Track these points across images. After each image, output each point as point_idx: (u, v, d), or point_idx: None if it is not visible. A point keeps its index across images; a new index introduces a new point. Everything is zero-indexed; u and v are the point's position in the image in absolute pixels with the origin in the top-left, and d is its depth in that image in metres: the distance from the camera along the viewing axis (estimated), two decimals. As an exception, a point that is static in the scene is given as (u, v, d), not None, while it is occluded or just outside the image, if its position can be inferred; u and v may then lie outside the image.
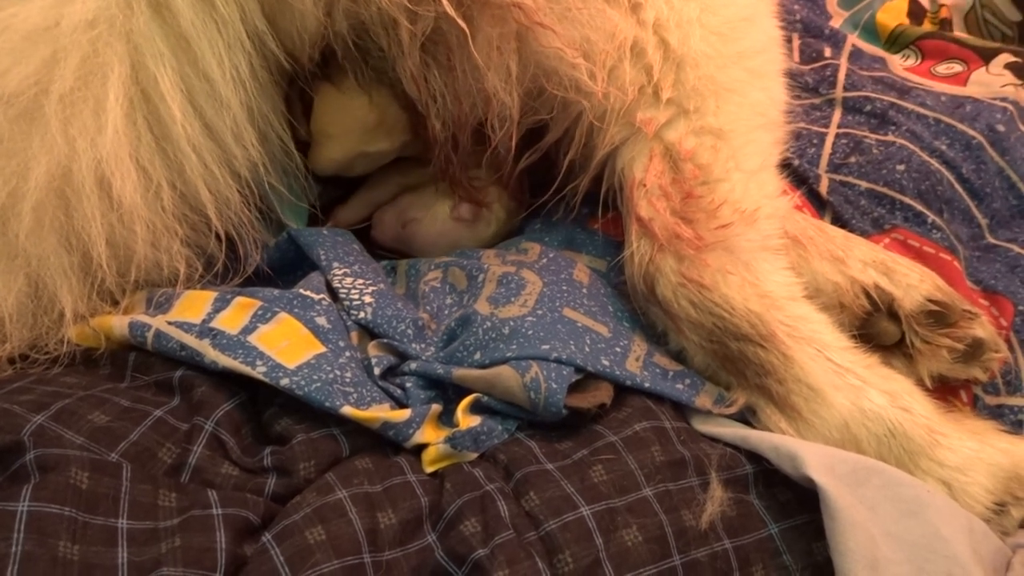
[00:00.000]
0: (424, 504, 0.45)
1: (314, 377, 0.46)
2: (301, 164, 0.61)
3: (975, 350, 0.58)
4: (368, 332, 0.53)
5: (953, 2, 0.81)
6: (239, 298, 0.51)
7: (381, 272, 0.59)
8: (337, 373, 0.48)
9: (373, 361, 0.51)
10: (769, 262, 0.56)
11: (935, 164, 0.67)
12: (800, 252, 0.60)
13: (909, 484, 0.50)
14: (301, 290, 0.53)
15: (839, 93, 0.72)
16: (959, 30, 0.81)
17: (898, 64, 0.76)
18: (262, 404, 0.49)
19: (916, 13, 0.80)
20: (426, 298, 0.57)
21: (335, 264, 0.56)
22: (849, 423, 0.53)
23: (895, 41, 0.78)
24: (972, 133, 0.69)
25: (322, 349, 0.49)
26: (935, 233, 0.66)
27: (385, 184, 0.66)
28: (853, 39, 0.78)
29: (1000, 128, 0.69)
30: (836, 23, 0.79)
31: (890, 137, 0.69)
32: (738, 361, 0.54)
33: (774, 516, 0.49)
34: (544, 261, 0.58)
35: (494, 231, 0.65)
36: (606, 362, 0.52)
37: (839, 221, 0.66)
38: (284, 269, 0.59)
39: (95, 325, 0.49)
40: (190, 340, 0.47)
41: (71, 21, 0.50)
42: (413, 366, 0.51)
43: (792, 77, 0.75)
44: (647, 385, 0.52)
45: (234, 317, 0.49)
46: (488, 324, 0.52)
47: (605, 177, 0.61)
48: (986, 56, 0.74)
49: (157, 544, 0.38)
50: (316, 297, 0.52)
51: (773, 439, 0.51)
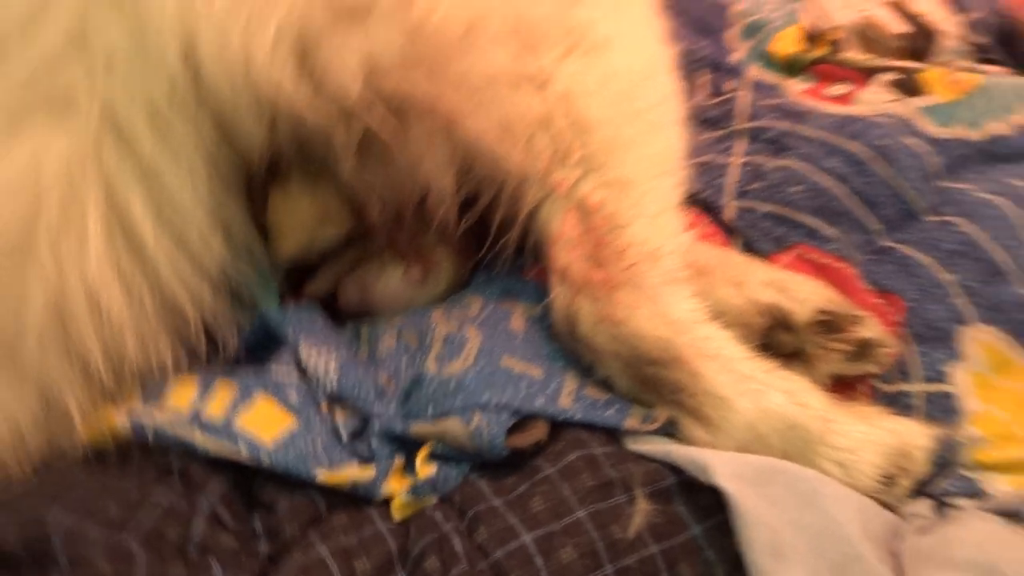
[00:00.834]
0: (393, 549, 0.54)
1: (290, 451, 0.55)
2: (266, 251, 0.69)
3: (865, 349, 0.67)
4: (335, 399, 0.62)
5: (842, 21, 0.89)
6: (219, 381, 0.60)
7: (344, 341, 0.68)
8: (310, 444, 0.56)
9: (341, 426, 0.59)
10: (674, 293, 0.64)
11: (828, 182, 0.76)
12: (706, 280, 0.68)
13: (807, 478, 0.59)
14: (274, 367, 0.61)
15: (741, 125, 0.81)
16: (855, 47, 0.89)
17: (794, 89, 0.84)
18: (250, 476, 0.57)
19: (812, 37, 0.88)
20: (384, 361, 0.65)
21: (302, 340, 0.64)
22: (755, 423, 0.61)
23: (791, 67, 0.86)
24: (859, 149, 0.77)
25: (295, 423, 0.58)
26: (831, 245, 0.74)
27: (344, 257, 0.74)
28: (755, 70, 0.86)
29: (883, 143, 0.77)
30: (739, 56, 0.88)
31: (786, 162, 0.77)
32: (654, 382, 0.62)
33: (696, 518, 0.57)
34: (484, 315, 0.66)
35: (444, 288, 0.74)
36: (540, 402, 0.60)
37: (747, 244, 0.74)
38: (260, 346, 0.67)
39: (101, 425, 0.57)
40: (183, 432, 0.56)
41: (51, 164, 0.59)
42: (376, 426, 0.60)
43: (699, 113, 0.84)
44: (579, 417, 0.61)
45: (218, 404, 0.58)
46: (436, 381, 0.60)
47: (531, 233, 0.69)
48: (869, 74, 0.83)
49: (172, 614, 0.47)
50: (287, 376, 0.61)
51: (691, 452, 0.60)
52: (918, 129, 0.79)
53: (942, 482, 0.62)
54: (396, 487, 0.57)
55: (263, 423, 0.57)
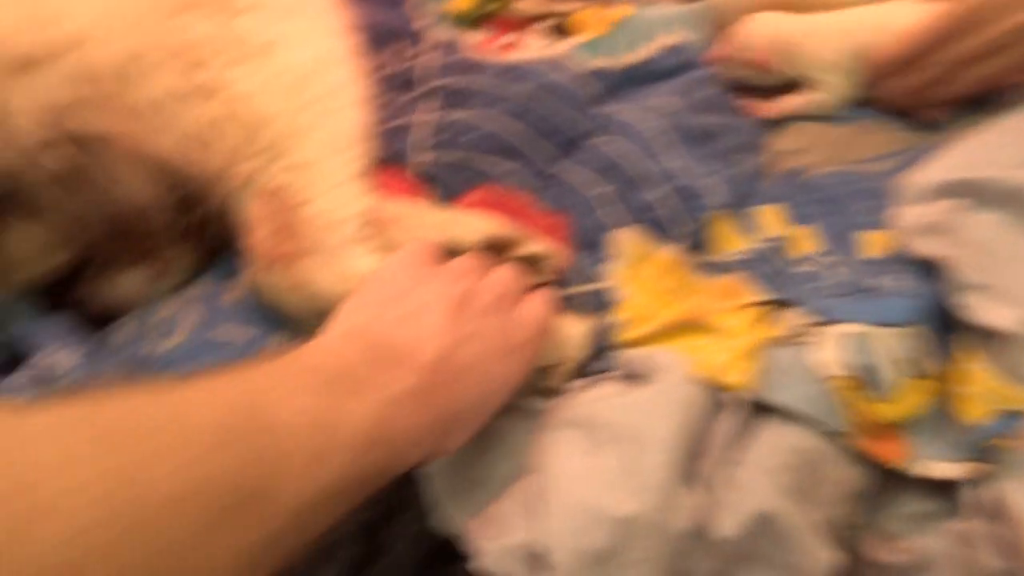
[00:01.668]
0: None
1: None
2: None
3: (532, 263, 0.81)
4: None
5: (513, -28, 1.00)
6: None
7: (89, 338, 0.79)
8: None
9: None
10: (353, 252, 0.77)
11: (499, 125, 0.88)
12: (391, 231, 0.81)
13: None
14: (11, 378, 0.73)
15: (420, 87, 0.92)
16: (524, -1, 1.01)
17: (469, 43, 0.96)
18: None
19: (485, -8, 0.99)
20: (123, 348, 0.77)
21: (45, 344, 0.75)
22: None
23: (462, 22, 0.97)
24: (523, 89, 0.89)
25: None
26: (508, 179, 0.87)
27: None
28: (433, 32, 0.97)
29: (542, 81, 0.90)
30: (422, 22, 0.99)
31: (463, 113, 0.89)
32: None
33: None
34: (199, 294, 0.79)
35: (179, 279, 0.85)
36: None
37: (440, 193, 0.87)
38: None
39: None
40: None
41: None
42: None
43: (390, 81, 0.96)
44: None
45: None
46: (153, 360, 0.73)
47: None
48: (529, 23, 0.95)
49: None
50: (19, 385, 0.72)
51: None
52: (570, 66, 0.92)
53: (595, 363, 0.78)
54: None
55: None
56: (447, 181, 0.87)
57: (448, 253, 0.80)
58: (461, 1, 0.98)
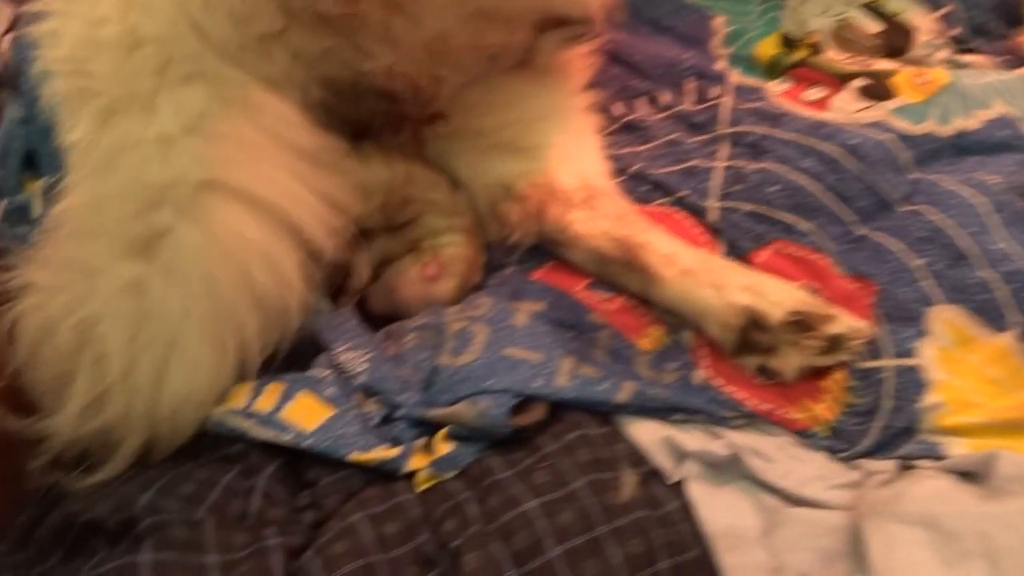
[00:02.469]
0: (418, 514, 0.64)
1: (327, 436, 0.66)
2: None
3: (837, 342, 0.73)
4: (366, 391, 0.72)
5: (820, 27, 0.96)
6: (270, 384, 0.70)
7: (374, 340, 0.77)
8: (345, 430, 0.67)
9: (371, 414, 0.70)
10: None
11: (803, 180, 0.83)
12: (690, 280, 0.76)
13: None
14: (313, 369, 0.72)
15: (724, 129, 0.89)
16: (832, 49, 0.96)
17: (774, 92, 0.92)
18: (298, 459, 0.68)
19: (790, 42, 0.95)
20: (407, 356, 0.75)
21: (336, 344, 0.75)
22: None
23: (771, 70, 0.93)
24: (831, 149, 0.84)
25: (332, 412, 0.68)
26: (806, 239, 0.81)
27: (365, 264, 0.85)
28: (736, 75, 0.94)
29: (853, 142, 0.84)
30: (722, 64, 0.95)
31: (764, 164, 0.85)
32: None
33: (670, 497, 0.65)
34: (491, 313, 0.76)
35: (456, 284, 0.84)
36: (539, 383, 0.70)
37: (729, 242, 0.82)
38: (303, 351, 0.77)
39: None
40: (238, 422, 0.66)
41: None
42: (401, 412, 0.70)
43: (686, 118, 0.92)
44: (572, 396, 0.70)
45: (266, 400, 0.68)
46: (450, 372, 0.70)
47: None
48: (843, 80, 0.90)
49: (236, 569, 0.58)
50: (324, 374, 0.71)
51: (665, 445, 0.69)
52: (889, 127, 0.86)
53: (906, 445, 0.70)
54: (419, 463, 0.67)
55: (305, 414, 0.67)
56: (738, 232, 0.82)
57: (750, 323, 0.75)
58: (768, 46, 0.94)
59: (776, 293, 0.75)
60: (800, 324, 0.73)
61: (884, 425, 0.71)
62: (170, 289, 0.66)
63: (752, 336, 0.74)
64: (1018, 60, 0.97)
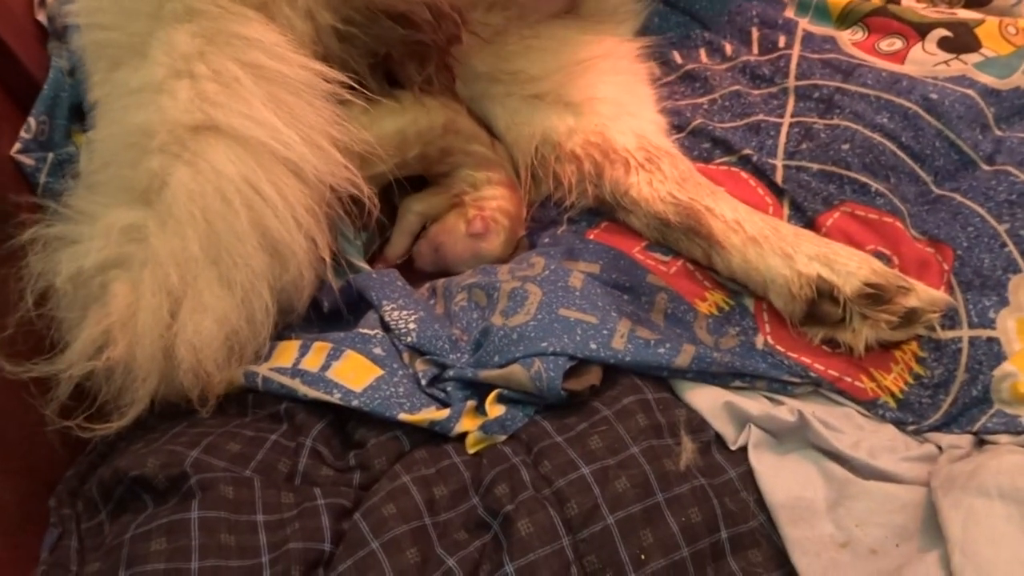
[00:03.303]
0: (467, 477, 0.61)
1: (376, 396, 0.64)
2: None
3: (912, 316, 0.69)
4: (415, 351, 0.70)
5: (900, -28, 0.89)
6: (316, 343, 0.68)
7: (422, 300, 0.75)
8: (393, 390, 0.65)
9: (420, 374, 0.67)
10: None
11: (877, 138, 0.78)
12: (757, 250, 0.72)
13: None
14: (360, 329, 0.70)
15: (791, 82, 0.83)
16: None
17: (847, 40, 0.86)
18: (345, 419, 0.66)
19: (867, -14, 0.89)
20: (457, 316, 0.73)
21: (384, 302, 0.72)
22: None
23: (845, 18, 0.87)
24: (908, 104, 0.79)
25: (380, 372, 0.66)
26: (879, 200, 0.77)
27: (411, 219, 0.84)
28: (805, 24, 0.88)
29: (933, 96, 0.79)
30: (790, 11, 0.90)
31: (835, 120, 0.80)
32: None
33: (731, 465, 0.63)
34: (546, 273, 0.73)
35: (503, 239, 0.82)
36: (594, 345, 0.66)
37: (795, 204, 0.77)
38: (349, 309, 0.75)
39: (225, 379, 0.67)
40: (286, 380, 0.65)
41: None
42: (451, 373, 0.68)
43: (750, 69, 0.87)
44: (629, 359, 0.66)
45: (314, 359, 0.67)
46: (502, 332, 0.68)
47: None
48: (922, 31, 0.84)
49: (284, 529, 0.56)
50: (372, 333, 0.69)
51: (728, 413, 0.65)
52: (973, 81, 0.80)
53: (982, 419, 0.66)
54: (469, 426, 0.65)
55: (353, 373, 0.65)
56: (805, 193, 0.78)
57: (820, 295, 0.71)
58: (842, -5, 0.88)
59: (848, 263, 0.70)
60: (873, 297, 0.69)
61: (955, 398, 0.67)
62: (168, 232, 0.66)
63: (821, 308, 0.70)
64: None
